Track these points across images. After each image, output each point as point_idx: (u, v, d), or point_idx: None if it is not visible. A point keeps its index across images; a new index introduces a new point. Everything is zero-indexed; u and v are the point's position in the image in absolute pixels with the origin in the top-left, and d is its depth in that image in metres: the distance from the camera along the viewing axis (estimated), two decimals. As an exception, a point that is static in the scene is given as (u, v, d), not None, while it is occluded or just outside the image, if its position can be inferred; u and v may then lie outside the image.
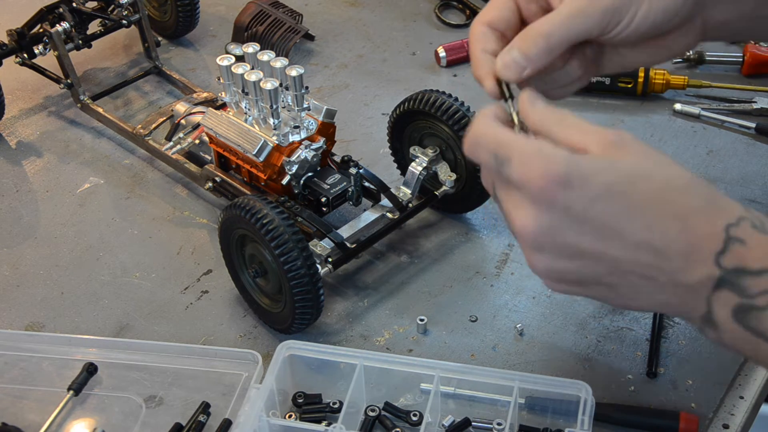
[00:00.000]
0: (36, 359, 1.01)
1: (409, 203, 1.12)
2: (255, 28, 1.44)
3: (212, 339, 1.05)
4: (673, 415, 0.92)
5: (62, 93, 1.43)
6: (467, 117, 1.08)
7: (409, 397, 0.96)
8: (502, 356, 1.01)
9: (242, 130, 1.09)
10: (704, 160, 1.26)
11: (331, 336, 1.04)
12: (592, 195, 0.67)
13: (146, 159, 1.31)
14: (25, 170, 1.31)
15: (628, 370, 0.98)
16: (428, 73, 1.46)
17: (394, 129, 1.16)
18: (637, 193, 0.67)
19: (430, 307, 1.07)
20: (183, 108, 1.27)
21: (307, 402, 0.96)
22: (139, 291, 1.11)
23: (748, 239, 0.68)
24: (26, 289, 1.13)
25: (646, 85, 1.35)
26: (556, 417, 0.92)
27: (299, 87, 1.06)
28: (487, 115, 0.74)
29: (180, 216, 1.22)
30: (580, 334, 1.03)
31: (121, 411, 0.96)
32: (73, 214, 1.23)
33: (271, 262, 0.99)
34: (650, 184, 0.68)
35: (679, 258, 0.69)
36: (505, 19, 0.81)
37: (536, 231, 0.69)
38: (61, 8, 1.35)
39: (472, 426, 0.93)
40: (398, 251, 1.15)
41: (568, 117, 0.72)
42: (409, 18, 1.58)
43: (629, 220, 0.68)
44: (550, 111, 0.72)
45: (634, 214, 0.67)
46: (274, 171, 1.09)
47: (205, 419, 0.94)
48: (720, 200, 0.70)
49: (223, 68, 1.09)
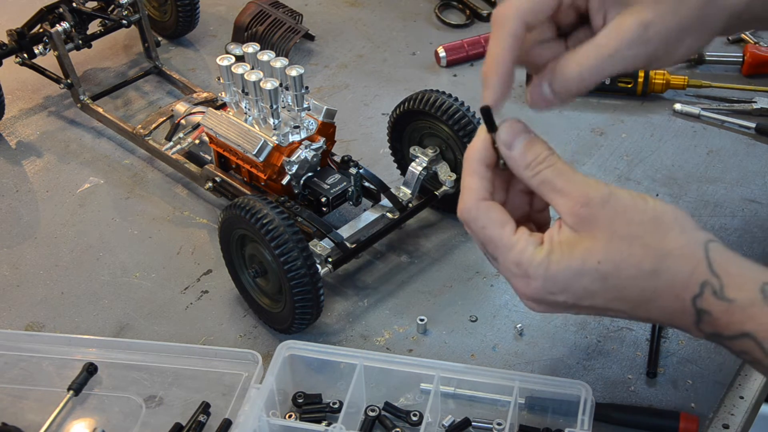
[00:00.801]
0: (36, 359, 1.01)
1: (409, 203, 1.12)
2: (255, 28, 1.44)
3: (212, 339, 1.05)
4: (673, 415, 0.92)
5: (62, 93, 1.43)
6: (467, 117, 1.08)
7: (409, 397, 0.96)
8: (502, 356, 1.01)
9: (242, 130, 1.09)
10: (704, 160, 1.25)
11: (331, 336, 1.04)
12: (574, 297, 0.75)
13: (146, 159, 1.31)
14: (25, 170, 1.31)
15: (628, 370, 0.98)
16: (428, 73, 1.45)
17: (394, 129, 1.16)
18: (612, 288, 0.74)
19: (430, 307, 1.07)
20: (183, 108, 1.27)
21: (307, 402, 0.96)
22: (139, 291, 1.11)
23: (712, 310, 0.72)
24: (26, 289, 1.13)
25: (646, 85, 1.35)
26: (556, 417, 0.92)
27: (299, 87, 1.06)
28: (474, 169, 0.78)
29: (180, 216, 1.22)
30: (580, 334, 1.03)
31: (121, 411, 0.96)
32: (73, 214, 1.23)
33: (271, 262, 0.99)
34: (620, 276, 0.73)
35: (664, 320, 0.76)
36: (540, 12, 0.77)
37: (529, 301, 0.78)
38: (61, 8, 1.35)
39: (472, 426, 0.93)
40: (398, 251, 1.15)
41: (543, 172, 0.75)
42: (409, 18, 1.58)
43: (610, 304, 0.75)
44: (523, 158, 0.76)
45: (613, 302, 0.75)
46: (274, 171, 1.09)
47: (205, 419, 0.94)
48: (683, 265, 0.73)
49: (223, 68, 1.09)
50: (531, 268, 0.74)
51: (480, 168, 0.78)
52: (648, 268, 0.72)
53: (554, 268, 0.74)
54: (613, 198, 0.73)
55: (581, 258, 0.73)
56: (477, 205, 0.77)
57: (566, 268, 0.73)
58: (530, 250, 0.75)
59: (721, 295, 0.71)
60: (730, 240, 1.13)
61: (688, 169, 1.24)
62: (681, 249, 0.72)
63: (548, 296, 0.75)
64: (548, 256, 0.74)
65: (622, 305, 0.75)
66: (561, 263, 0.74)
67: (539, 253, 0.74)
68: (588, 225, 0.73)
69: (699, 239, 0.73)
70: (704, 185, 1.21)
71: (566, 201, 0.74)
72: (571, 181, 0.74)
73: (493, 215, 0.77)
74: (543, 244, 0.75)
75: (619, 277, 0.73)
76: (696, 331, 0.74)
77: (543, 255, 0.74)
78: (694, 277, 0.72)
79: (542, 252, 0.74)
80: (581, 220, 0.73)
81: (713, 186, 1.21)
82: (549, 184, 0.75)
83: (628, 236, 0.72)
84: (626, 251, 0.72)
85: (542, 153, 0.75)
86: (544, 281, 0.74)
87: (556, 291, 0.75)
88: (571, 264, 0.73)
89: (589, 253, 0.73)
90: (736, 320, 0.71)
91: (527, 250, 0.75)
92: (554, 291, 0.75)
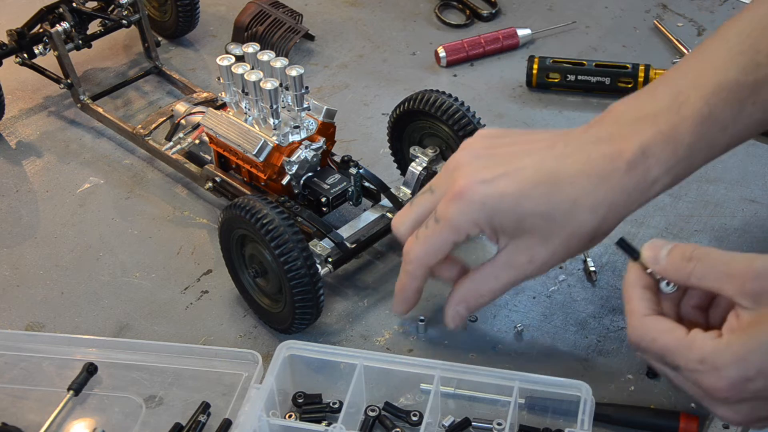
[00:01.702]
0: (36, 359, 1.01)
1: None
2: (255, 28, 1.44)
3: (212, 339, 1.05)
4: (673, 415, 0.92)
5: (62, 93, 1.43)
6: (467, 117, 1.08)
7: (409, 397, 0.96)
8: (502, 356, 1.01)
9: (242, 130, 1.09)
10: (704, 160, 1.25)
11: (331, 336, 1.04)
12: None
13: (146, 159, 1.31)
14: (25, 170, 1.31)
15: (628, 370, 0.98)
16: (428, 73, 1.45)
17: (394, 129, 1.16)
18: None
19: (430, 307, 1.07)
20: (183, 108, 1.27)
21: (307, 402, 0.96)
22: (139, 291, 1.11)
23: None
24: (26, 289, 1.13)
25: (646, 85, 1.35)
26: (556, 417, 0.92)
27: (299, 87, 1.06)
28: (631, 294, 0.77)
29: (180, 216, 1.22)
30: (580, 334, 1.03)
31: (121, 411, 0.96)
32: (73, 214, 1.23)
33: (271, 262, 0.99)
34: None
35: None
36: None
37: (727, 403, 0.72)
38: (61, 8, 1.35)
39: (472, 426, 0.93)
40: (398, 251, 1.15)
41: (697, 266, 0.72)
42: (409, 18, 1.58)
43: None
44: (672, 263, 0.74)
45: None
46: (274, 171, 1.09)
47: (205, 419, 0.94)
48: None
49: (223, 68, 1.09)
50: (718, 358, 0.69)
51: (637, 291, 0.77)
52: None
53: (744, 349, 0.69)
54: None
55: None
56: (642, 322, 0.75)
57: (759, 343, 0.68)
58: (711, 342, 0.70)
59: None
60: (730, 240, 1.13)
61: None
62: None
63: (747, 384, 0.69)
64: (734, 342, 0.69)
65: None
66: (750, 342, 0.69)
67: (722, 342, 0.70)
68: (765, 299, 0.69)
69: None
70: (704, 185, 1.21)
71: (733, 283, 0.70)
72: (730, 262, 0.71)
73: (660, 325, 0.74)
74: (721, 335, 0.71)
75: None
76: None
77: (725, 341, 0.70)
78: None
79: (725, 341, 0.70)
80: (757, 295, 0.69)
81: (713, 186, 1.21)
82: (709, 276, 0.72)
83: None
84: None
85: (687, 250, 0.73)
86: (737, 365, 0.69)
87: (753, 374, 0.68)
88: (762, 338, 0.68)
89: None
90: None
91: (708, 343, 0.70)
92: (751, 375, 0.69)
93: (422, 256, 0.90)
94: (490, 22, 1.54)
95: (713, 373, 0.70)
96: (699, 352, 0.70)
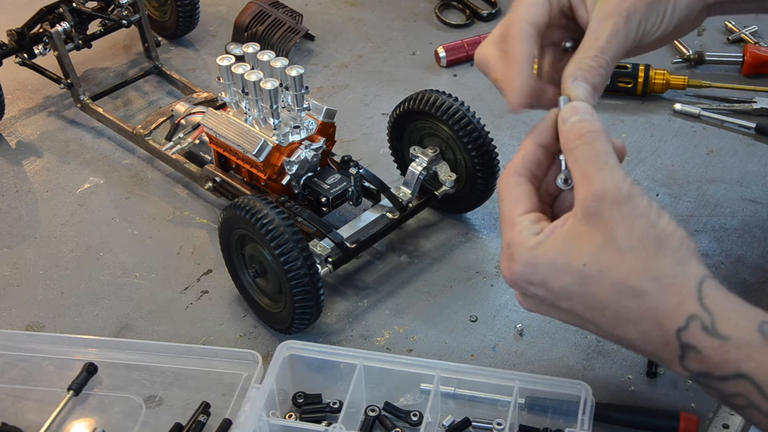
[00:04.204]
0: (36, 359, 1.01)
1: (409, 203, 1.12)
2: (255, 28, 1.45)
3: (212, 339, 1.05)
4: (673, 415, 0.92)
5: (62, 93, 1.43)
6: (467, 117, 1.08)
7: (409, 397, 0.96)
8: (502, 356, 1.01)
9: (242, 130, 1.09)
10: (704, 160, 1.25)
11: (331, 336, 1.04)
12: (552, 294, 0.73)
13: (146, 159, 1.31)
14: (25, 170, 1.31)
15: (628, 370, 0.98)
16: (428, 73, 1.45)
17: (394, 129, 1.16)
18: (590, 295, 0.72)
19: (430, 307, 1.07)
20: (183, 108, 1.27)
21: (307, 402, 0.96)
22: (139, 291, 1.11)
23: (702, 347, 0.69)
24: (26, 289, 1.13)
25: (646, 85, 1.35)
26: (556, 417, 0.92)
27: (299, 87, 1.06)
28: (527, 144, 0.78)
29: (180, 216, 1.22)
30: (580, 334, 1.03)
31: (121, 411, 0.96)
32: (73, 214, 1.23)
33: (271, 262, 0.99)
34: (601, 285, 0.71)
35: (646, 349, 0.73)
36: (543, 24, 0.81)
37: (511, 286, 0.77)
38: (61, 8, 1.35)
39: (472, 426, 0.93)
40: (398, 251, 1.15)
41: (579, 148, 0.72)
42: (409, 18, 1.58)
43: (588, 314, 0.73)
44: (570, 130, 0.74)
45: (591, 312, 0.73)
46: (274, 171, 1.09)
47: (205, 419, 0.94)
48: (671, 294, 0.70)
49: (223, 68, 1.09)
50: (517, 251, 0.73)
51: (533, 147, 0.77)
52: (632, 285, 0.70)
53: (538, 258, 0.72)
54: (628, 202, 0.70)
55: (568, 255, 0.71)
56: (508, 178, 0.76)
57: (550, 261, 0.72)
58: (525, 234, 0.73)
59: (713, 330, 0.68)
60: (730, 240, 1.13)
61: (688, 169, 1.24)
62: (673, 277, 0.69)
63: (527, 286, 0.73)
64: (538, 245, 0.72)
65: (599, 318, 0.72)
66: (547, 255, 0.72)
67: (532, 239, 0.73)
68: (591, 220, 0.70)
69: (695, 273, 0.70)
70: (704, 185, 1.21)
71: (584, 188, 0.71)
72: (599, 168, 0.71)
73: (515, 192, 0.75)
74: (542, 233, 0.73)
75: (601, 285, 0.70)
76: (680, 368, 0.71)
77: (534, 242, 0.72)
78: (680, 308, 0.69)
79: (535, 239, 0.72)
80: (588, 213, 0.70)
81: (713, 186, 1.21)
82: (579, 165, 0.72)
83: (625, 246, 0.70)
84: (616, 260, 0.70)
85: (588, 128, 0.73)
86: (525, 267, 0.73)
87: (535, 282, 0.73)
88: (556, 258, 0.71)
89: (578, 252, 0.71)
90: (731, 359, 0.68)
91: (523, 233, 0.73)
92: (533, 281, 0.73)
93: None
94: (490, 22, 1.54)
95: (508, 260, 0.74)
96: (511, 235, 0.74)
